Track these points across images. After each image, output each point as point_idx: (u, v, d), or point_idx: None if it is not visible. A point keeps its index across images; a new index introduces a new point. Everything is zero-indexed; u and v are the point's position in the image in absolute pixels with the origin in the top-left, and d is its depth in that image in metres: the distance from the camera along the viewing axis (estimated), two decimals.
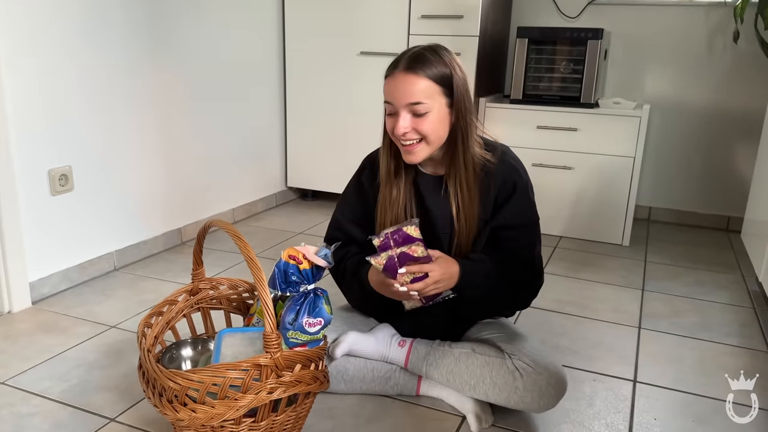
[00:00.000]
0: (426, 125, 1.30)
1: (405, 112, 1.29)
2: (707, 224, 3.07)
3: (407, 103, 1.29)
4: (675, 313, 2.05)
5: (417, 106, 1.28)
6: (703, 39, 2.89)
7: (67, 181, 2.03)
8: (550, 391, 1.33)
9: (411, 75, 1.28)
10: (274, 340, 1.10)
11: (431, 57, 1.29)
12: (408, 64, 1.29)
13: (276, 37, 3.04)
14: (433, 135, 1.32)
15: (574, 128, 2.69)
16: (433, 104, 1.29)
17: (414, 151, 1.33)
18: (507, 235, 1.42)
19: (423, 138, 1.32)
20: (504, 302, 1.52)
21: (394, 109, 1.31)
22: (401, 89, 1.29)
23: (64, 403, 1.45)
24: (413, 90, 1.28)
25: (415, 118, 1.29)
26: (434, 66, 1.29)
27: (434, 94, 1.29)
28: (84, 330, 1.80)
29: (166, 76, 2.39)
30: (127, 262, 2.32)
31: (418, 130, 1.30)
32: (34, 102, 1.89)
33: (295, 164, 3.23)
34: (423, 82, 1.28)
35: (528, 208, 1.44)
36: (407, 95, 1.28)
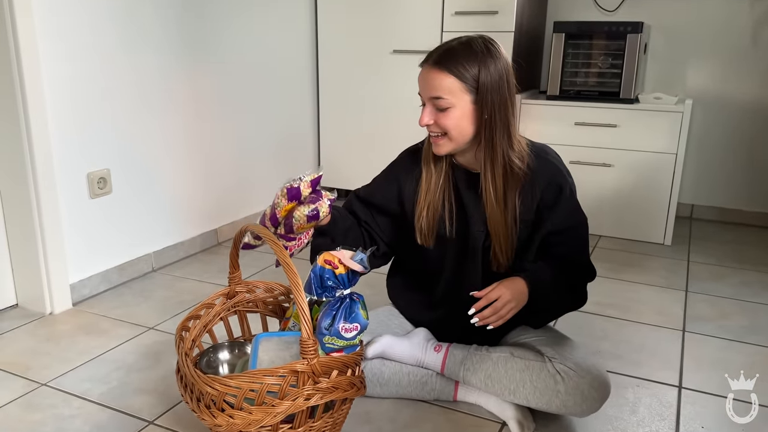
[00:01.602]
0: (447, 121, 1.29)
1: (429, 105, 1.30)
2: (753, 222, 2.97)
3: (430, 97, 1.29)
4: (721, 316, 1.98)
5: (439, 101, 1.28)
6: (747, 30, 2.79)
7: (106, 184, 2.06)
8: (593, 394, 1.29)
9: (436, 70, 1.27)
10: (310, 346, 1.09)
11: (461, 52, 1.27)
12: (436, 59, 1.28)
13: (309, 37, 3.04)
14: (454, 131, 1.30)
15: (613, 124, 2.63)
16: (455, 101, 1.27)
17: (438, 143, 1.33)
18: (557, 240, 1.39)
19: (445, 133, 1.31)
20: (565, 307, 1.46)
21: (423, 100, 1.32)
22: (426, 83, 1.29)
23: (104, 405, 1.46)
24: (436, 85, 1.27)
25: (438, 112, 1.29)
26: (462, 62, 1.26)
27: (457, 91, 1.27)
28: (123, 331, 1.83)
29: (200, 78, 2.41)
30: (164, 263, 2.34)
31: (439, 124, 1.30)
32: (72, 107, 1.92)
33: (329, 164, 3.23)
34: (447, 78, 1.26)
35: (576, 209, 1.40)
36: (430, 89, 1.28)
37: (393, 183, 1.49)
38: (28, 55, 1.75)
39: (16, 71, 1.74)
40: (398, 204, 1.48)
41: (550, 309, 1.41)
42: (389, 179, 1.50)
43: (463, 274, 1.44)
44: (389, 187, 1.49)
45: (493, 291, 1.29)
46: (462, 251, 1.44)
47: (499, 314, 1.28)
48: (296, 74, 3.00)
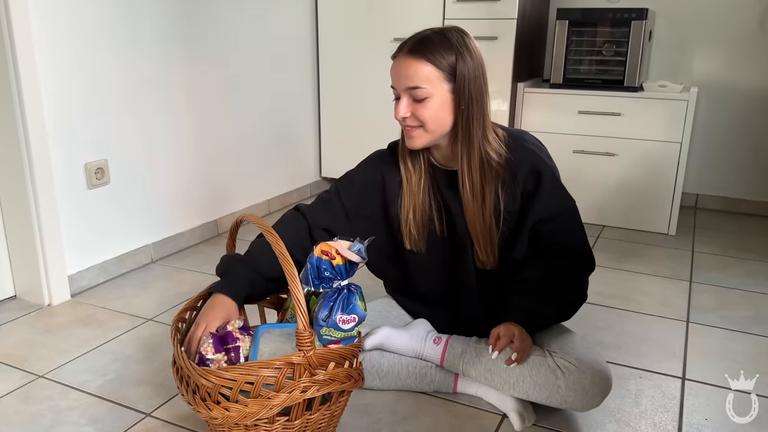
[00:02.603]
0: (425, 111, 1.25)
1: (405, 97, 1.26)
2: (758, 212, 2.93)
3: (406, 87, 1.25)
4: (725, 306, 1.96)
5: (416, 90, 1.24)
6: (753, 16, 2.75)
7: (104, 174, 2.04)
8: (594, 389, 1.27)
9: (412, 59, 1.23)
10: (306, 338, 1.07)
11: (437, 40, 1.23)
12: (411, 47, 1.24)
13: (309, 26, 3.01)
14: (432, 123, 1.26)
15: (617, 113, 2.59)
16: (433, 90, 1.24)
17: (413, 135, 1.29)
18: (548, 228, 1.35)
19: (421, 125, 1.27)
20: (566, 314, 1.43)
21: (397, 92, 1.28)
22: (402, 73, 1.25)
23: (101, 397, 1.45)
24: (413, 74, 1.23)
25: (415, 103, 1.25)
26: (438, 50, 1.22)
27: (435, 79, 1.23)
28: (121, 323, 1.81)
29: (199, 69, 2.38)
30: (164, 255, 2.33)
31: (417, 115, 1.26)
32: (69, 96, 1.90)
33: (329, 154, 3.21)
34: (424, 66, 1.23)
35: (561, 193, 1.36)
36: (407, 79, 1.24)
37: (374, 191, 1.44)
38: (23, 46, 1.73)
39: (11, 63, 1.72)
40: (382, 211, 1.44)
41: (549, 323, 1.42)
42: (367, 188, 1.44)
43: (456, 273, 1.42)
44: (371, 197, 1.44)
45: (502, 339, 1.31)
46: (451, 251, 1.41)
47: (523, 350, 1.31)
48: (296, 64, 2.97)
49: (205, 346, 1.20)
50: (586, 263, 1.41)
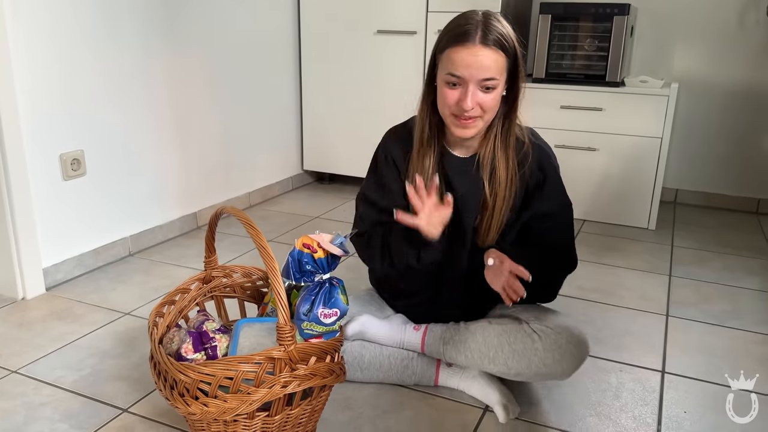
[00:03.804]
0: (491, 101, 1.24)
1: (474, 87, 1.22)
2: (736, 207, 2.97)
3: (482, 78, 1.21)
4: (704, 300, 1.98)
5: (490, 81, 1.22)
6: (734, 13, 2.77)
7: (80, 165, 2.00)
8: (571, 349, 1.29)
9: (489, 49, 1.20)
10: (287, 333, 1.06)
11: (501, 29, 1.22)
12: (483, 37, 1.20)
13: (291, 17, 2.98)
14: (492, 111, 1.27)
15: (599, 108, 2.60)
16: (500, 80, 1.24)
17: (470, 125, 1.27)
18: (545, 224, 1.37)
19: (482, 114, 1.26)
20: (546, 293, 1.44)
21: (461, 82, 1.23)
22: (479, 64, 1.20)
23: (76, 392, 1.42)
24: (490, 65, 1.21)
25: (482, 93, 1.23)
26: (505, 38, 1.22)
27: (503, 68, 1.23)
28: (98, 317, 1.78)
29: (180, 59, 2.34)
30: (142, 247, 2.29)
31: (483, 105, 1.24)
32: (44, 85, 1.86)
33: (312, 147, 3.18)
34: (497, 56, 1.21)
35: (561, 192, 1.39)
36: (483, 70, 1.21)
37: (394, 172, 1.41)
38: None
39: None
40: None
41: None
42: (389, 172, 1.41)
43: (450, 257, 1.41)
44: (395, 182, 1.41)
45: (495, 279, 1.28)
46: (452, 235, 1.39)
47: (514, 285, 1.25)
48: (278, 55, 2.93)
49: (184, 345, 1.18)
50: (568, 263, 1.43)
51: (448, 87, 1.25)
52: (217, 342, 1.20)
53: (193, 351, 1.17)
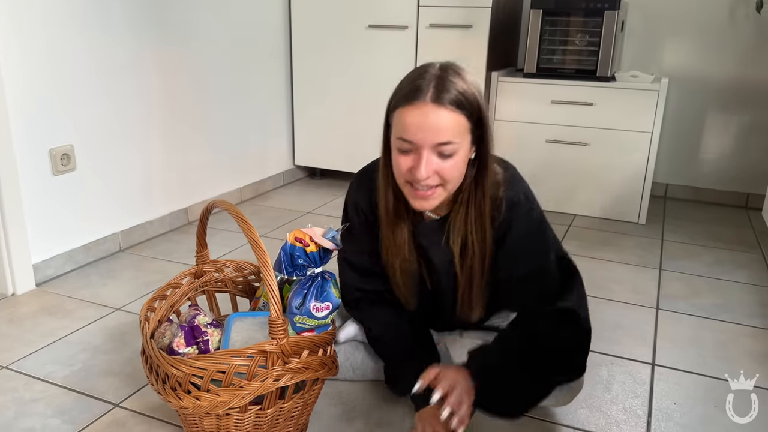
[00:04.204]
0: (452, 169, 1.07)
1: (430, 153, 1.06)
2: (726, 201, 2.99)
3: (435, 143, 1.05)
4: (694, 294, 1.99)
5: (446, 146, 1.05)
6: (724, 9, 2.78)
7: (70, 160, 1.98)
8: (559, 395, 1.26)
9: (441, 108, 1.03)
10: (279, 326, 1.06)
11: (458, 81, 1.05)
12: (436, 94, 1.03)
13: (282, 11, 2.96)
14: (455, 181, 1.10)
15: (589, 103, 2.61)
16: (461, 144, 1.07)
17: (430, 197, 1.10)
18: (513, 288, 1.22)
19: (443, 183, 1.09)
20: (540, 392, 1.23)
21: (413, 148, 1.07)
22: (428, 126, 1.04)
23: (67, 388, 1.42)
24: (445, 127, 1.04)
25: (440, 159, 1.06)
26: (464, 95, 1.05)
27: (464, 131, 1.06)
28: (89, 312, 1.77)
29: (171, 53, 2.33)
30: (132, 243, 2.28)
31: (442, 174, 1.07)
32: (34, 79, 1.84)
33: (303, 142, 3.17)
34: (454, 116, 1.04)
35: (536, 246, 1.20)
36: (437, 133, 1.04)
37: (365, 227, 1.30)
38: None
39: None
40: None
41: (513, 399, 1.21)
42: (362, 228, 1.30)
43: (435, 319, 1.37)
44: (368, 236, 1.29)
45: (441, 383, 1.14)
46: (433, 311, 1.34)
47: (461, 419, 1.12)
48: (269, 50, 2.92)
49: (176, 339, 1.17)
50: (572, 336, 1.24)
51: (400, 153, 1.09)
52: (209, 336, 1.19)
53: (185, 345, 1.17)
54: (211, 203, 1.22)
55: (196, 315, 1.24)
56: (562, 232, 2.52)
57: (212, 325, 1.22)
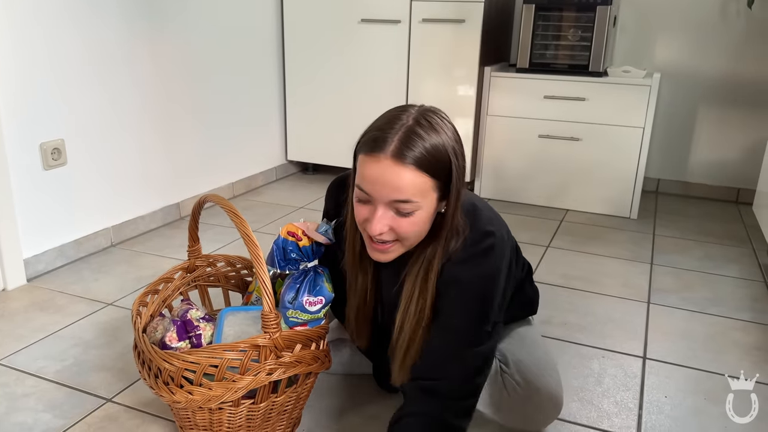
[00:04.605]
0: (409, 227, 0.99)
1: (385, 209, 0.98)
2: (717, 196, 3.01)
3: (391, 200, 0.96)
4: (685, 288, 2.00)
5: (404, 204, 0.96)
6: (716, 4, 2.79)
7: (60, 154, 1.97)
8: (537, 416, 1.22)
9: (400, 167, 0.93)
10: (272, 320, 1.05)
11: (429, 137, 0.95)
12: (399, 149, 0.93)
13: (274, 5, 2.95)
14: (414, 238, 1.02)
15: (582, 98, 2.62)
16: (423, 203, 0.97)
17: (386, 251, 1.03)
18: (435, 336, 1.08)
19: (400, 239, 1.02)
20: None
21: (370, 199, 0.99)
22: (386, 182, 0.95)
23: (59, 383, 1.41)
24: (402, 185, 0.94)
25: (397, 216, 0.98)
26: (431, 153, 0.94)
27: (427, 190, 0.96)
28: (80, 308, 1.76)
29: (162, 47, 2.31)
30: (124, 238, 2.27)
31: (398, 231, 0.99)
32: (24, 73, 1.83)
33: (296, 137, 3.17)
34: (416, 175, 0.94)
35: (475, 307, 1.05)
36: (394, 191, 0.95)
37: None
38: None
39: None
40: None
41: None
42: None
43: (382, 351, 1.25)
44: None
45: None
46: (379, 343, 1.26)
47: None
48: (261, 43, 2.91)
49: (168, 334, 1.17)
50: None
51: (358, 202, 1.01)
52: (201, 330, 1.19)
53: (178, 339, 1.17)
54: (203, 197, 1.22)
55: (188, 309, 1.24)
56: (554, 227, 2.53)
57: (205, 319, 1.22)
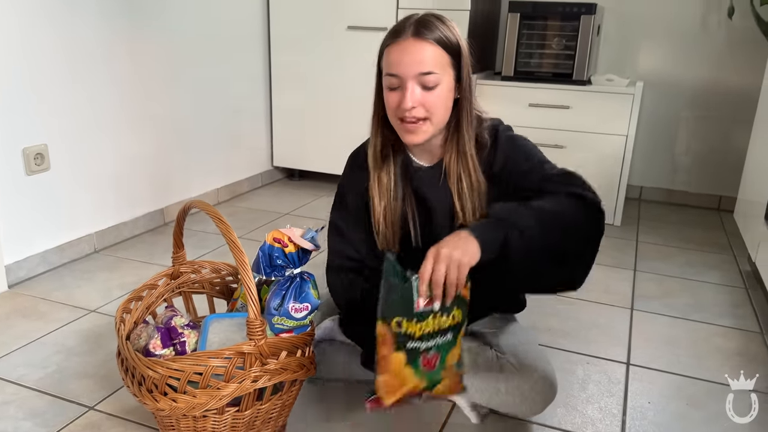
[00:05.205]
0: (435, 100, 1.16)
1: (414, 84, 1.15)
2: (698, 204, 3.05)
3: (417, 73, 1.14)
4: (667, 294, 2.02)
5: (428, 76, 1.14)
6: (697, 14, 2.84)
7: (43, 160, 1.95)
8: (534, 396, 1.24)
9: (421, 41, 1.14)
10: (257, 327, 1.05)
11: (438, 23, 1.16)
12: (417, 30, 1.15)
13: (260, 11, 2.95)
14: (440, 112, 1.18)
15: (566, 106, 2.64)
16: (443, 76, 1.16)
17: (417, 130, 1.18)
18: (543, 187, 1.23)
19: (428, 116, 1.17)
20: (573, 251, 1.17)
21: (400, 81, 1.16)
22: (411, 58, 1.14)
23: (41, 391, 1.39)
24: (425, 58, 1.14)
25: (424, 91, 1.16)
26: (443, 33, 1.16)
27: (445, 64, 1.16)
28: (63, 314, 1.75)
29: (148, 52, 2.30)
30: (107, 244, 2.25)
31: (426, 105, 1.16)
32: (7, 77, 1.81)
33: (282, 143, 3.16)
34: (435, 49, 1.15)
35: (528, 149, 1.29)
36: (418, 64, 1.14)
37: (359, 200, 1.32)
38: None
39: None
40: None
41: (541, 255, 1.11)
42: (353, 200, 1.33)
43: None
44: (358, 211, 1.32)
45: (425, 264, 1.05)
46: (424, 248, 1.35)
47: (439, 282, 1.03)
48: (247, 49, 2.91)
49: (152, 341, 1.16)
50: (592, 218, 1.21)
51: (390, 91, 1.19)
52: (185, 337, 1.18)
53: (162, 347, 1.16)
54: (188, 204, 1.21)
55: (172, 316, 1.23)
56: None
57: (189, 326, 1.21)
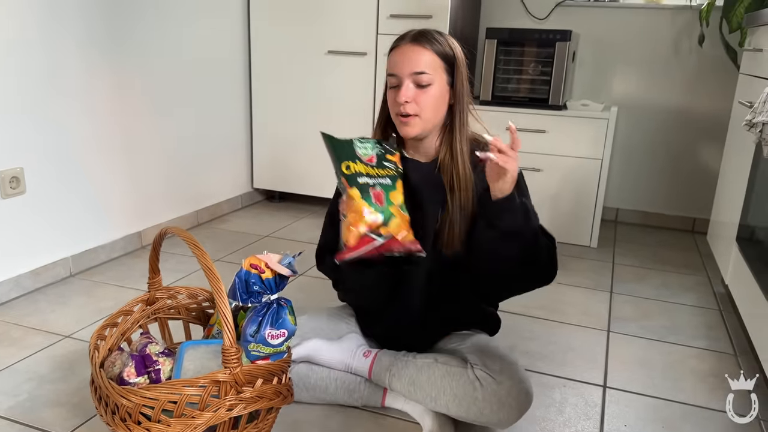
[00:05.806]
0: (427, 98, 1.31)
1: (409, 82, 1.31)
2: (673, 225, 3.10)
3: (412, 72, 1.31)
4: (643, 316, 2.05)
5: (421, 75, 1.30)
6: (669, 42, 2.91)
7: (19, 183, 1.94)
8: (510, 402, 1.26)
9: (417, 46, 1.32)
10: (233, 355, 1.05)
11: (436, 35, 1.34)
12: (414, 37, 1.33)
13: (241, 35, 2.97)
14: (430, 111, 1.32)
15: (542, 130, 2.68)
16: (435, 78, 1.31)
17: (409, 123, 1.33)
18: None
19: (418, 113, 1.32)
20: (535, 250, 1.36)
21: (398, 80, 1.33)
22: (408, 58, 1.31)
23: (11, 419, 1.36)
24: (419, 60, 1.31)
25: (418, 89, 1.31)
26: (439, 43, 1.33)
27: (438, 68, 1.32)
28: (36, 340, 1.72)
29: (125, 74, 2.30)
30: (83, 268, 2.22)
31: (419, 102, 1.31)
32: None
33: (262, 165, 3.16)
34: (429, 53, 1.31)
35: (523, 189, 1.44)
36: (413, 64, 1.31)
37: None
38: None
39: None
40: None
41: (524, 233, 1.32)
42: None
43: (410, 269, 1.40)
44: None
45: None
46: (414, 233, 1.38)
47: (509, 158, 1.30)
48: (228, 73, 2.92)
49: (127, 369, 1.15)
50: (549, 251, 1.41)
51: (390, 89, 1.36)
52: (160, 365, 1.17)
53: (136, 375, 1.15)
54: (163, 229, 1.21)
55: (147, 343, 1.22)
56: None
57: (164, 354, 1.20)
